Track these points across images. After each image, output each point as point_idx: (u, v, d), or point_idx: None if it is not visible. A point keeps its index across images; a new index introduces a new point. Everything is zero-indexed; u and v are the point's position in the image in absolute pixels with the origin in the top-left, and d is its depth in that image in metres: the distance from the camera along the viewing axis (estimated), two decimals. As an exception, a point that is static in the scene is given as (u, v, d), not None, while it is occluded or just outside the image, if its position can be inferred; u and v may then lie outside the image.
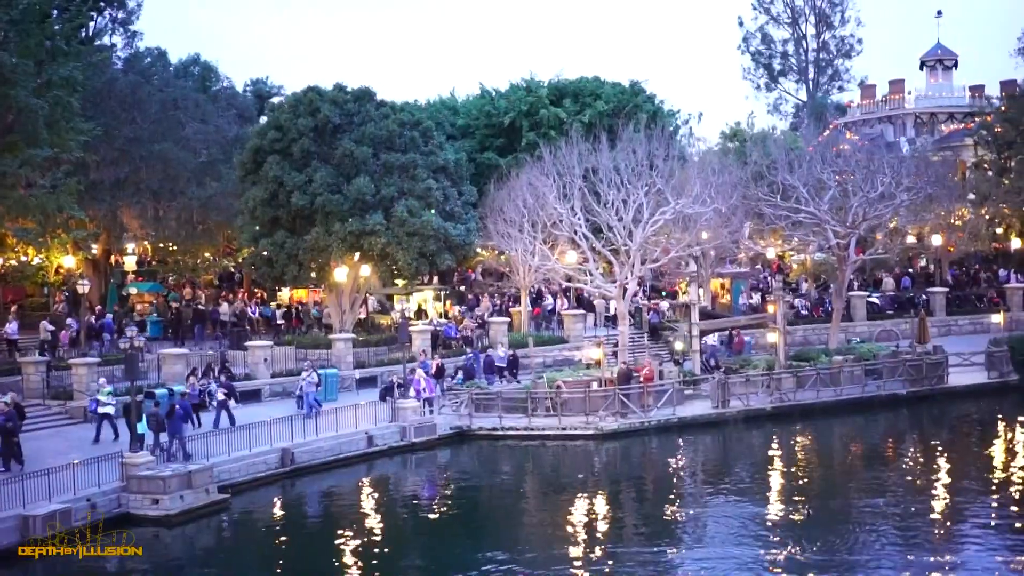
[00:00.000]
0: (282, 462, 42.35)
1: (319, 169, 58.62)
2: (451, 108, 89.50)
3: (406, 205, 58.59)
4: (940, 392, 55.93)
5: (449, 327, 63.61)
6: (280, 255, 59.90)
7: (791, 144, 76.74)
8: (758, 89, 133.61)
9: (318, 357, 57.23)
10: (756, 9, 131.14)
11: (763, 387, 53.44)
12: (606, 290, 57.38)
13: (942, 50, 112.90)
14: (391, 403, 48.47)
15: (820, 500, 37.71)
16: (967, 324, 70.42)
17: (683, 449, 48.07)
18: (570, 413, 49.76)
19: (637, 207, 54.40)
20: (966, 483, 39.94)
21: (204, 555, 34.56)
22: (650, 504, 39.15)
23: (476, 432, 49.23)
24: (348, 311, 62.46)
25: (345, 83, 62.72)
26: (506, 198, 63.32)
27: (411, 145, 61.47)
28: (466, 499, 40.98)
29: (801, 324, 66.82)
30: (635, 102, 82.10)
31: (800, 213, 60.82)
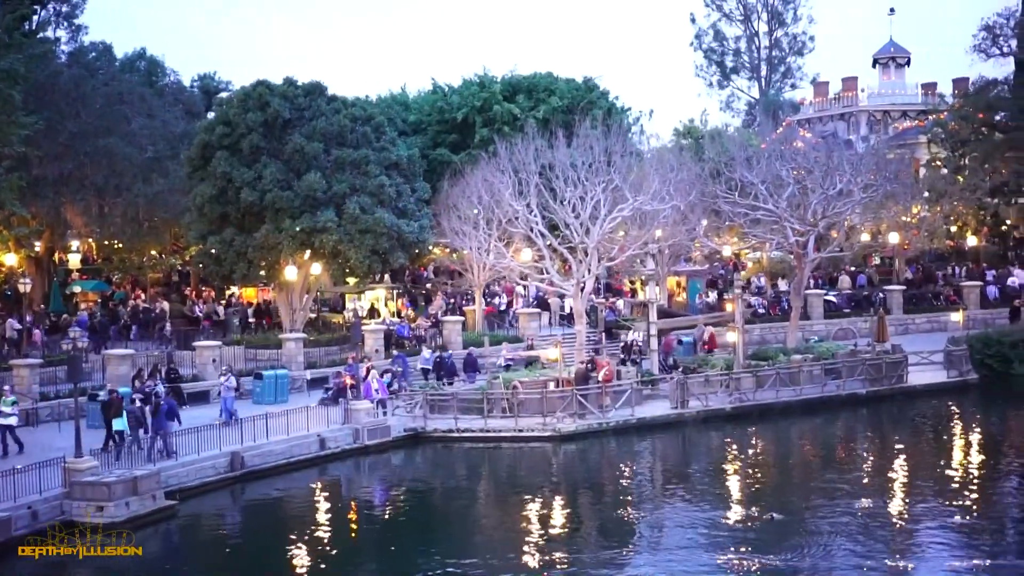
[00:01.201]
0: (232, 466, 41.03)
1: (269, 165, 57.48)
2: (403, 104, 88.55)
3: (358, 202, 57.52)
4: (900, 391, 55.36)
5: (402, 326, 62.50)
6: (229, 253, 58.65)
7: (747, 141, 76.27)
8: (711, 86, 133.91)
9: (268, 357, 56.06)
10: (708, 6, 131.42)
11: (722, 387, 52.67)
12: (563, 288, 56.42)
13: (895, 48, 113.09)
14: (344, 405, 47.30)
15: (780, 502, 36.93)
16: (924, 322, 69.99)
17: (642, 451, 47.30)
18: (527, 414, 48.72)
19: (595, 204, 53.51)
20: (927, 485, 39.31)
21: (150, 564, 33.25)
22: (608, 507, 38.22)
23: (431, 434, 48.10)
24: (299, 310, 61.27)
25: (295, 77, 61.57)
26: (460, 195, 62.35)
27: (363, 141, 60.49)
28: (420, 503, 40.03)
29: (758, 323, 66.13)
30: (589, 98, 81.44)
31: (759, 210, 60.16)
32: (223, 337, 60.23)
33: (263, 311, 67.38)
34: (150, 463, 38.71)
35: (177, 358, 55.36)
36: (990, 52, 77.04)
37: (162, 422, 40.41)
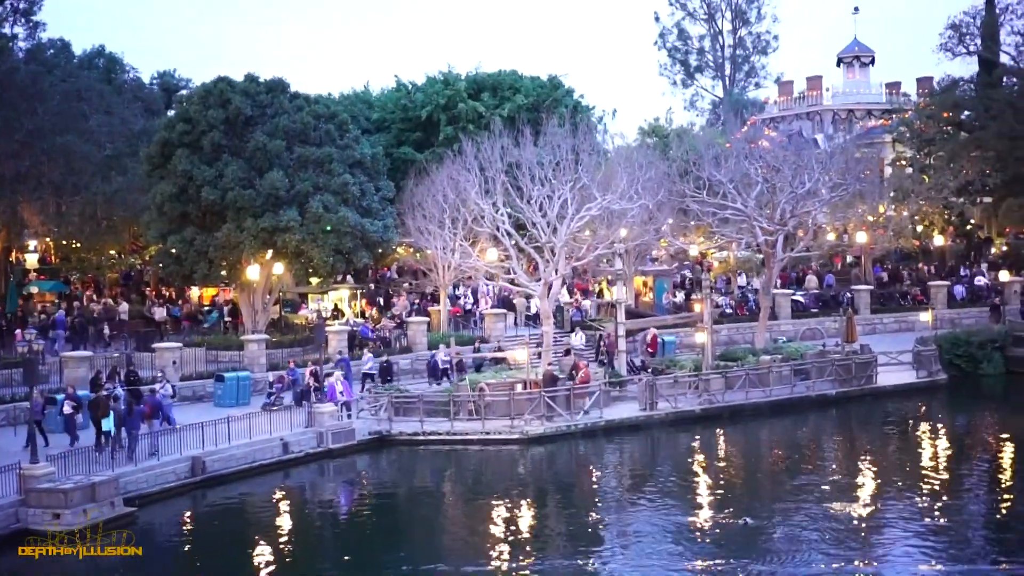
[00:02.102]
0: (193, 471, 40.06)
1: (230, 163, 56.57)
2: (366, 102, 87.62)
3: (321, 200, 56.68)
4: (869, 392, 55.08)
5: (365, 327, 61.61)
6: (189, 252, 57.64)
7: (713, 140, 75.79)
8: (675, 85, 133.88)
9: (230, 359, 55.08)
10: (673, 5, 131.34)
11: (691, 388, 52.04)
12: (529, 288, 55.66)
13: (859, 47, 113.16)
14: (307, 408, 46.37)
15: (751, 506, 36.49)
16: (892, 322, 69.66)
17: (611, 453, 46.79)
18: (494, 416, 48.00)
19: (562, 202, 52.83)
20: (897, 487, 38.90)
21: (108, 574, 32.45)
22: (576, 511, 37.53)
23: (396, 437, 47.23)
24: (261, 311, 60.32)
25: (257, 74, 60.64)
26: (425, 193, 61.50)
27: (326, 138, 59.69)
28: (385, 507, 39.33)
29: (726, 323, 65.58)
30: (555, 96, 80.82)
31: (727, 209, 59.63)
32: (184, 338, 59.18)
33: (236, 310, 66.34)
34: (131, 463, 38.46)
35: (136, 360, 54.32)
36: (956, 51, 77.19)
37: (135, 423, 39.97)
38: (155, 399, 43.35)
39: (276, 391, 48.97)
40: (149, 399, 43.04)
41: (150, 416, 41.74)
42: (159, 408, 42.54)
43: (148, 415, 41.71)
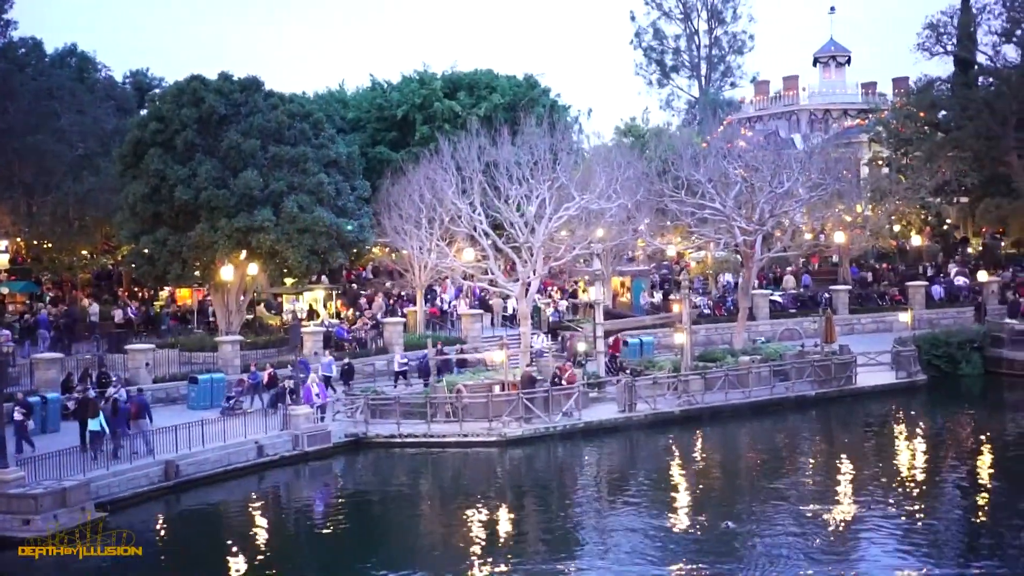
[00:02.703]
0: (166, 475, 39.45)
1: (204, 162, 55.88)
2: (341, 101, 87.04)
3: (296, 200, 56.09)
4: (849, 393, 54.85)
5: (341, 328, 61.00)
6: (162, 253, 56.90)
7: (691, 139, 75.54)
8: (650, 85, 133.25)
9: (203, 360, 54.40)
10: (648, 4, 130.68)
11: (670, 390, 51.63)
12: (507, 289, 55.23)
13: (835, 47, 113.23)
14: (282, 410, 45.76)
15: (730, 509, 36.35)
16: (870, 323, 69.40)
17: (589, 456, 46.34)
18: (472, 419, 47.48)
19: (540, 202, 52.37)
20: (877, 490, 38.53)
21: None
22: (555, 514, 37.19)
23: (373, 440, 46.69)
24: (235, 312, 59.66)
25: (231, 72, 59.95)
26: (401, 193, 60.99)
27: (301, 138, 59.09)
28: (361, 511, 38.87)
29: (703, 323, 65.16)
30: (531, 95, 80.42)
31: (706, 209, 59.28)
32: (157, 339, 58.49)
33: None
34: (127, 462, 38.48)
35: (109, 362, 53.63)
36: (934, 51, 76.82)
37: (119, 423, 40.06)
38: (141, 398, 43.01)
39: (236, 395, 48.09)
40: (136, 399, 42.71)
41: (136, 416, 41.32)
42: (145, 408, 42.04)
43: (135, 415, 41.33)
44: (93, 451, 39.15)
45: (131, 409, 41.40)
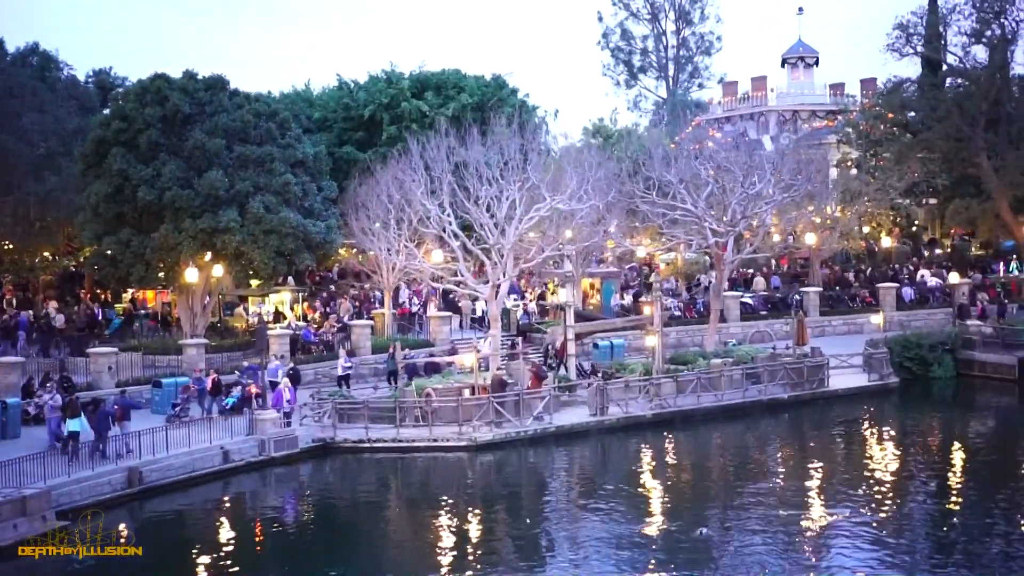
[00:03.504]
0: (129, 482, 38.52)
1: (168, 162, 55.24)
2: (307, 100, 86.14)
3: (262, 201, 55.46)
4: (822, 396, 54.40)
5: (307, 331, 60.16)
6: (125, 254, 56.18)
7: (660, 140, 75.11)
8: (618, 86, 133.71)
9: (167, 364, 53.48)
10: (616, 4, 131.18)
11: (642, 393, 51.04)
12: (476, 291, 54.55)
13: (803, 48, 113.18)
14: (248, 415, 44.90)
15: (702, 514, 36.00)
16: (841, 324, 69.00)
17: (561, 460, 45.73)
18: (441, 423, 46.69)
19: (510, 203, 51.75)
20: (850, 495, 38.00)
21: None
22: (525, 520, 36.63)
23: (341, 444, 45.81)
24: (199, 314, 58.76)
25: (195, 71, 59.14)
26: (369, 194, 60.25)
27: (267, 137, 58.42)
28: (328, 517, 38.16)
29: (674, 325, 64.59)
30: (499, 95, 79.72)
31: (677, 210, 58.77)
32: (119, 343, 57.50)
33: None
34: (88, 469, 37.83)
35: (71, 365, 52.68)
36: (903, 51, 76.52)
37: (102, 424, 39.60)
38: (127, 400, 42.92)
39: (181, 401, 46.67)
40: (121, 400, 42.50)
41: (121, 418, 41.12)
42: (127, 409, 41.69)
43: (120, 417, 41.10)
44: (73, 452, 38.60)
45: (116, 411, 40.99)
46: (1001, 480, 40.11)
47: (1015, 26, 74.21)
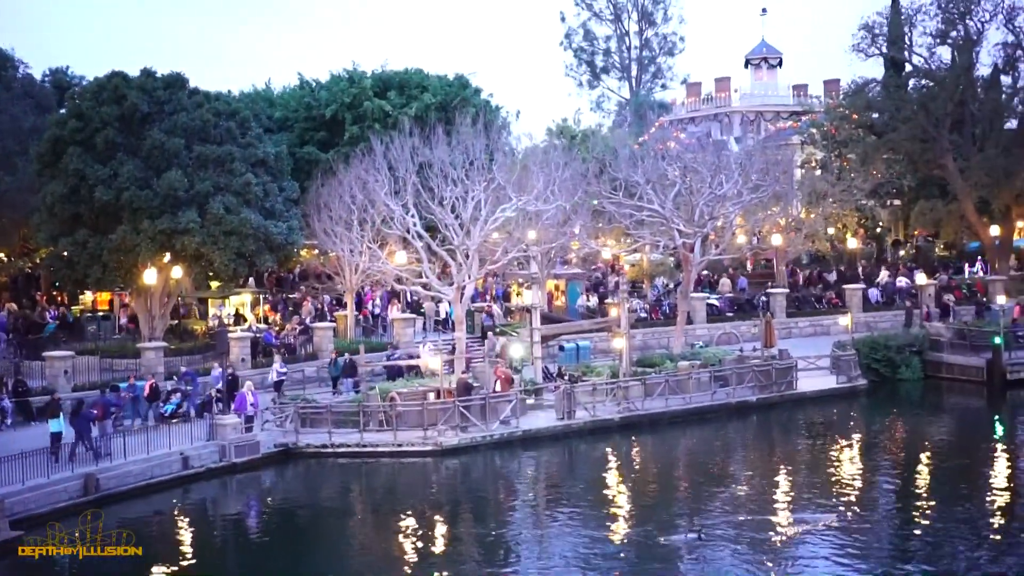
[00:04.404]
0: (85, 490, 37.57)
1: (126, 162, 54.25)
2: (267, 100, 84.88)
3: (222, 201, 54.57)
4: (790, 399, 53.91)
5: (269, 333, 59.18)
6: (82, 255, 55.22)
7: (625, 140, 74.60)
8: (581, 86, 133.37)
9: (125, 367, 52.41)
10: (579, 5, 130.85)
11: (609, 396, 50.37)
12: (442, 293, 53.78)
13: (767, 48, 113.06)
14: (209, 420, 43.91)
15: (670, 519, 35.48)
16: (807, 326, 68.44)
17: (528, 465, 45.06)
18: (406, 427, 45.86)
19: (475, 204, 51.01)
20: (817, 498, 37.81)
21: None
22: (491, 526, 36.06)
23: (303, 450, 44.95)
24: (158, 317, 57.74)
25: (154, 68, 58.10)
26: (332, 194, 59.40)
27: (227, 137, 57.52)
28: (290, 524, 37.42)
29: (640, 327, 63.88)
30: (463, 95, 78.81)
31: (644, 211, 58.18)
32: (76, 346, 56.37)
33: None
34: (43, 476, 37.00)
35: (26, 369, 51.60)
36: (869, 52, 76.32)
37: (83, 425, 39.44)
38: (107, 399, 42.58)
39: (116, 409, 44.11)
40: (100, 400, 42.15)
41: (102, 418, 40.71)
42: (108, 408, 41.23)
43: (100, 417, 40.69)
44: (54, 454, 38.30)
45: (96, 413, 40.44)
46: (968, 483, 39.91)
47: (980, 27, 74.15)
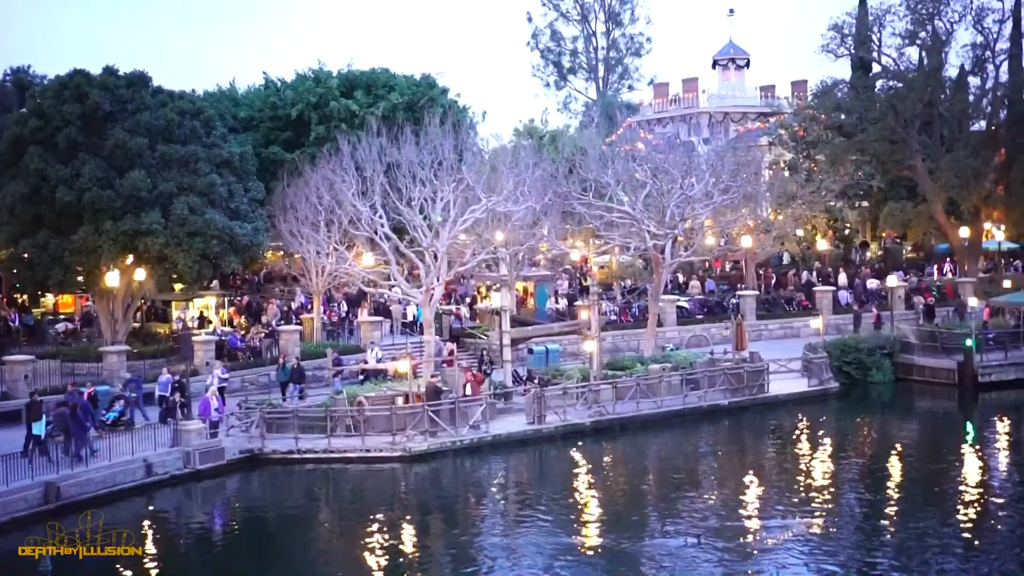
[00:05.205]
0: (46, 498, 36.61)
1: (88, 161, 53.43)
2: (232, 99, 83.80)
3: (186, 202, 53.77)
4: (762, 402, 53.57)
5: (234, 336, 58.31)
6: (43, 257, 54.34)
7: (593, 141, 74.09)
8: (547, 87, 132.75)
9: (87, 371, 51.45)
10: (545, 5, 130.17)
11: (580, 400, 49.75)
12: (410, 295, 53.05)
13: (734, 49, 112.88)
14: (173, 425, 43.02)
15: (642, 525, 35.49)
16: (778, 329, 68.03)
17: (498, 471, 44.44)
18: (374, 432, 45.13)
19: (444, 205, 50.31)
20: (789, 503, 37.58)
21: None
22: (461, 533, 35.61)
23: (269, 456, 44.06)
24: (121, 320, 56.81)
25: (116, 67, 57.19)
26: (298, 195, 58.59)
27: (192, 136, 56.75)
28: (256, 532, 36.77)
29: (610, 330, 63.25)
30: (430, 95, 78.04)
31: (614, 212, 57.64)
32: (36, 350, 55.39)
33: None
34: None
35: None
36: (838, 53, 76.29)
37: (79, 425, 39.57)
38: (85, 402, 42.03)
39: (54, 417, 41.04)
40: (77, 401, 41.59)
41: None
42: (78, 410, 40.34)
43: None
44: (38, 455, 38.24)
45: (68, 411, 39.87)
46: (939, 487, 39.85)
47: (949, 27, 74.13)
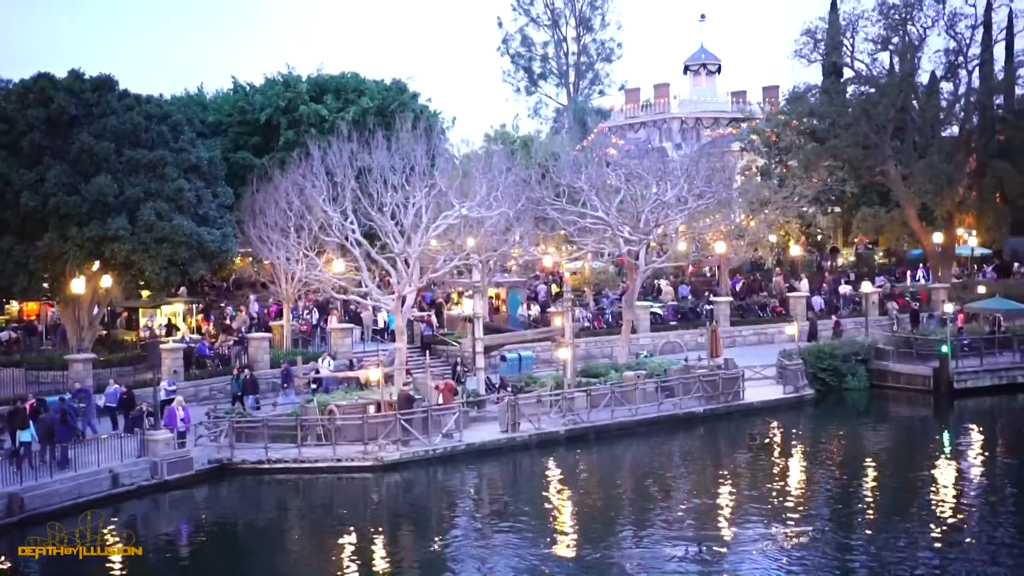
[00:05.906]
0: (9, 510, 35.86)
1: (53, 166, 52.79)
2: (200, 103, 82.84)
3: (154, 208, 53.18)
4: (737, 409, 53.07)
5: (203, 344, 57.45)
6: (7, 264, 53.63)
7: (565, 146, 73.62)
8: (518, 92, 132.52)
9: (52, 380, 50.54)
10: (516, 10, 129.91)
11: (554, 408, 49.14)
12: (382, 302, 52.37)
13: (706, 55, 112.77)
14: (140, 435, 42.16)
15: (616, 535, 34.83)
16: (752, 335, 67.72)
17: (472, 480, 43.83)
18: (345, 442, 44.38)
19: (416, 211, 49.66)
20: (765, 511, 37.07)
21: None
22: (433, 544, 34.95)
23: (239, 466, 43.32)
24: (87, 327, 55.94)
25: (82, 70, 56.32)
26: (267, 200, 57.81)
27: (159, 141, 56.13)
28: (225, 544, 36.13)
29: (584, 336, 62.71)
30: (401, 100, 77.36)
31: (588, 218, 57.12)
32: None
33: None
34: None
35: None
36: (811, 58, 76.21)
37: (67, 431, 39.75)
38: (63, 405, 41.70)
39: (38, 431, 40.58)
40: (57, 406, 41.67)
41: None
42: (68, 415, 40.40)
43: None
44: (27, 463, 38.04)
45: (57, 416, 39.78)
46: (914, 494, 39.57)
47: (922, 33, 74.07)
